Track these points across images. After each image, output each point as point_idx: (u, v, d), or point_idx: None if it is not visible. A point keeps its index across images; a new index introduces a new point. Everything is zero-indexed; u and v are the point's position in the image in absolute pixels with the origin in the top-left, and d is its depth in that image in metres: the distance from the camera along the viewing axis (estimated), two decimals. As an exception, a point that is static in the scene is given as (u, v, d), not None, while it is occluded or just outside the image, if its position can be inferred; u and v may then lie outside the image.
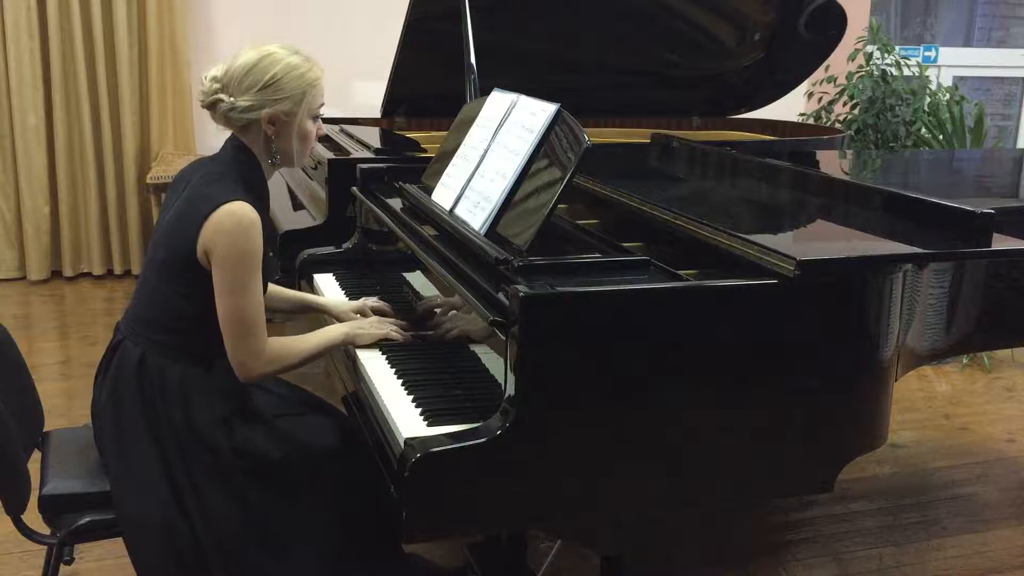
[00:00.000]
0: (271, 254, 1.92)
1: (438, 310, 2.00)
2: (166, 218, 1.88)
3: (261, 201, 1.88)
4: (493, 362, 1.66)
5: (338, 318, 2.15)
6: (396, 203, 2.35)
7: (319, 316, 2.24)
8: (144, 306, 1.89)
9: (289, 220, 3.17)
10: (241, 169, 1.88)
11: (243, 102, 1.84)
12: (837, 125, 5.31)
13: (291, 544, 1.85)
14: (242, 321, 1.78)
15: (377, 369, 1.91)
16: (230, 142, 1.92)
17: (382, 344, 2.01)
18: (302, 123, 1.89)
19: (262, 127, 1.87)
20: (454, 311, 1.92)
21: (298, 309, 2.24)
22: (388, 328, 2.01)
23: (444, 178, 2.12)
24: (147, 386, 1.83)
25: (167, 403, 1.82)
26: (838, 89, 5.32)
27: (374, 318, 2.08)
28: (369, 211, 2.50)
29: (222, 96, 1.85)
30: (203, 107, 1.88)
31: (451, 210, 2.00)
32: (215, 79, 1.86)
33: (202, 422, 1.81)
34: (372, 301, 2.17)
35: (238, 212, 1.75)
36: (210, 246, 1.76)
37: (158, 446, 1.81)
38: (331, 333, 1.99)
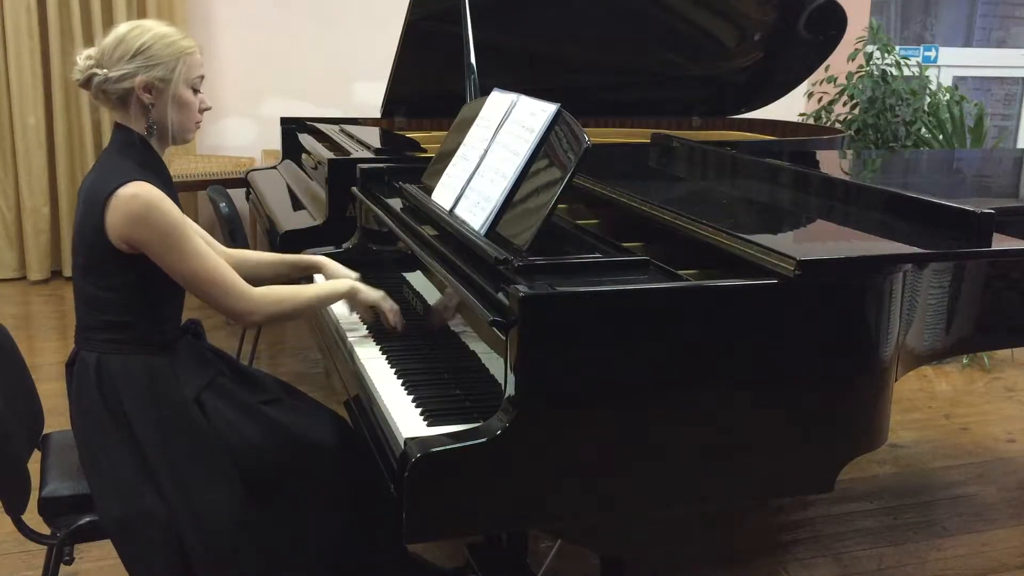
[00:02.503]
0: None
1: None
2: (76, 222, 1.85)
3: (159, 176, 1.85)
4: (493, 362, 1.66)
5: (334, 274, 2.16)
6: (396, 203, 2.35)
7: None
8: (87, 313, 1.85)
9: (289, 220, 3.17)
10: (130, 152, 1.85)
11: (116, 72, 1.81)
12: (837, 125, 5.31)
13: (289, 546, 1.85)
14: (210, 281, 1.80)
15: (377, 369, 1.91)
16: (114, 131, 1.90)
17: (382, 344, 2.02)
18: (178, 91, 1.86)
19: (138, 95, 1.83)
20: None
21: (284, 272, 2.20)
22: (385, 298, 2.04)
23: (444, 178, 2.12)
24: (110, 392, 1.79)
25: (135, 402, 1.78)
26: (838, 89, 5.32)
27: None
28: (369, 211, 2.50)
29: (96, 71, 1.82)
30: (79, 86, 1.86)
31: (451, 210, 2.00)
32: (89, 57, 1.85)
33: (177, 408, 1.80)
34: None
35: (141, 193, 1.74)
36: (129, 235, 1.75)
37: (138, 453, 1.77)
38: (337, 284, 2.05)
